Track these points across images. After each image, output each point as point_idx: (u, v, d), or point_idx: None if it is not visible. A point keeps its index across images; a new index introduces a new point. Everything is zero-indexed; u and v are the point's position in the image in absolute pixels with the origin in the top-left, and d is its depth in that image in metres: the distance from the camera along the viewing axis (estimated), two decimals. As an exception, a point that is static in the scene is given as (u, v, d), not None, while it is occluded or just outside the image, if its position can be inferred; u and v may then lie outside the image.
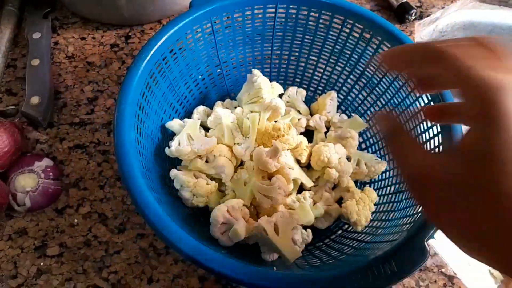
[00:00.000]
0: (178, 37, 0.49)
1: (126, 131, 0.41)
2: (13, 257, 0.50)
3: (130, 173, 0.38)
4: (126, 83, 0.44)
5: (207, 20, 0.51)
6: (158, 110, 0.51)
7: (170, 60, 0.50)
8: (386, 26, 0.50)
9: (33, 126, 0.59)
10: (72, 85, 0.63)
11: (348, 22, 0.53)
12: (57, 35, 0.69)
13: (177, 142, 0.49)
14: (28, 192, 0.51)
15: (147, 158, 0.46)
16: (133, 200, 0.37)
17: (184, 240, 0.35)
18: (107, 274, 0.49)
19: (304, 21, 0.55)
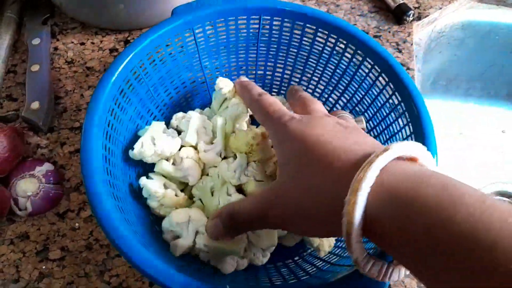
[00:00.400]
0: (157, 44, 0.49)
1: (93, 140, 0.40)
2: (15, 261, 0.50)
3: (90, 180, 0.38)
4: (97, 90, 0.43)
5: (188, 28, 0.51)
6: (134, 116, 0.50)
7: (148, 67, 0.50)
8: (368, 43, 0.49)
9: (34, 131, 0.59)
10: (72, 90, 0.64)
11: (331, 36, 0.52)
12: (56, 41, 0.69)
13: (140, 144, 0.48)
14: (29, 196, 0.51)
15: (116, 165, 0.46)
16: (91, 206, 0.37)
17: (136, 252, 0.35)
18: (109, 277, 0.49)
19: (288, 33, 0.55)
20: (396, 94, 0.48)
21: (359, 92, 0.54)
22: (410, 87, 0.46)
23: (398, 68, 0.47)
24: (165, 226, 0.46)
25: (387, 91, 0.49)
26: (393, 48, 0.72)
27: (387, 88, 0.49)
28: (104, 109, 0.43)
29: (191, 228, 0.46)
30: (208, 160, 0.50)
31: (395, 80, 0.47)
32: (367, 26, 0.75)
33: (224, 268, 0.45)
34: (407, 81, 0.46)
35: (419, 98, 0.46)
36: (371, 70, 0.50)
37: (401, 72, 0.47)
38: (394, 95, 0.48)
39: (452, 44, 0.89)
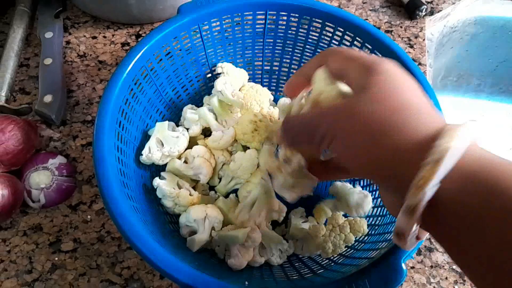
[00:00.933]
0: (165, 43, 0.49)
1: (105, 139, 0.41)
2: (28, 252, 0.50)
3: (105, 182, 0.38)
4: (108, 90, 0.43)
5: (195, 26, 0.51)
6: (143, 115, 0.51)
7: (156, 66, 0.50)
8: (376, 34, 0.49)
9: (47, 124, 0.60)
10: (84, 84, 0.64)
11: (338, 29, 0.52)
12: (68, 35, 0.70)
13: (147, 149, 0.49)
14: (43, 188, 0.51)
15: (128, 165, 0.46)
16: (106, 208, 0.38)
17: (154, 251, 0.35)
18: (120, 270, 0.50)
19: (294, 28, 0.54)
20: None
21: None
22: (422, 83, 0.46)
23: (409, 63, 0.47)
24: (182, 222, 0.47)
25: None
26: (404, 43, 0.71)
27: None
28: (114, 110, 0.43)
29: (207, 224, 0.47)
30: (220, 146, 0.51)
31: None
32: (379, 21, 0.74)
33: (230, 262, 0.46)
34: (419, 77, 0.46)
35: (432, 94, 0.46)
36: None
37: (412, 67, 0.46)
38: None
39: (464, 40, 0.88)
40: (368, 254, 0.42)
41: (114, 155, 0.41)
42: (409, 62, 0.47)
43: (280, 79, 0.62)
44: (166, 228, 0.47)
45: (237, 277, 0.45)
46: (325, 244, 0.46)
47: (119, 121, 0.44)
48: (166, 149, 0.49)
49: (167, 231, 0.47)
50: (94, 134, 0.41)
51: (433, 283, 0.51)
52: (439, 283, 0.51)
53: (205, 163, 0.50)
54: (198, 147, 0.51)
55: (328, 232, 0.47)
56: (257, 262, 0.48)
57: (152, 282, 0.49)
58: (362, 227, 0.47)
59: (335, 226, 0.47)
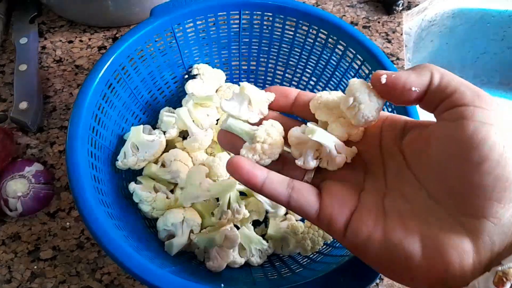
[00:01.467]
0: (137, 46, 0.49)
1: (78, 146, 0.40)
2: (7, 261, 0.50)
3: (79, 189, 0.38)
4: (80, 97, 0.43)
5: (168, 27, 0.51)
6: (118, 120, 0.50)
7: (130, 70, 0.50)
8: (350, 31, 0.49)
9: (23, 131, 0.59)
10: (61, 89, 0.64)
11: (313, 27, 0.52)
12: (44, 39, 0.69)
13: (122, 155, 0.48)
14: (20, 197, 0.51)
15: (103, 171, 0.46)
16: (80, 215, 0.37)
17: (129, 257, 0.35)
18: (100, 276, 0.49)
19: (269, 27, 0.54)
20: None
21: (343, 84, 0.54)
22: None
23: (382, 59, 0.47)
24: (160, 226, 0.47)
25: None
26: (382, 38, 0.72)
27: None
28: (87, 116, 0.43)
29: (185, 227, 0.47)
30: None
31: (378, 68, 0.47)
32: (356, 17, 0.74)
33: (209, 264, 0.45)
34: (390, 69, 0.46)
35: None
36: (354, 60, 0.50)
37: (385, 63, 0.46)
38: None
39: (443, 33, 0.88)
40: (345, 251, 0.42)
41: (88, 161, 0.41)
42: (383, 58, 0.47)
43: (258, 78, 0.62)
44: (144, 233, 0.47)
45: (216, 279, 0.45)
46: (304, 242, 0.46)
47: (92, 127, 0.44)
48: (141, 154, 0.48)
49: (145, 236, 0.47)
50: (66, 141, 0.40)
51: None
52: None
53: (183, 166, 0.50)
54: (175, 150, 0.51)
55: (307, 229, 0.47)
56: (236, 263, 0.48)
57: (133, 287, 0.49)
58: None
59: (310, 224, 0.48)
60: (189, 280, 0.35)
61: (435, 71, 0.28)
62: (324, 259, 0.45)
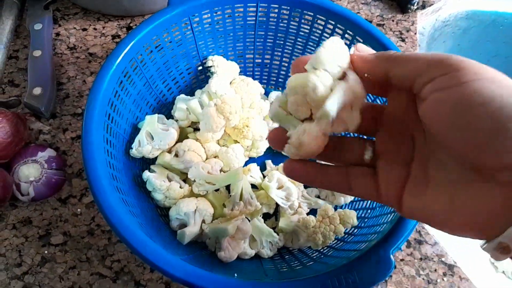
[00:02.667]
0: (154, 35, 0.49)
1: (94, 131, 0.40)
2: (17, 245, 0.50)
3: (94, 174, 0.38)
4: (97, 82, 0.43)
5: (185, 18, 0.51)
6: (133, 108, 0.51)
7: (146, 59, 0.50)
8: (367, 28, 0.49)
9: (36, 117, 0.59)
10: (74, 76, 0.64)
11: (329, 22, 0.52)
12: (58, 26, 0.69)
13: (137, 143, 0.49)
14: (32, 182, 0.51)
15: (118, 158, 0.46)
16: (95, 200, 0.38)
17: (143, 244, 0.35)
18: (110, 263, 0.50)
19: (286, 21, 0.54)
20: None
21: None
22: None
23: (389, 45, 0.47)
24: (173, 215, 0.47)
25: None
26: (396, 37, 0.72)
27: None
28: (103, 103, 0.43)
29: (197, 216, 0.47)
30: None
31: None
32: (371, 14, 0.74)
33: (220, 254, 0.46)
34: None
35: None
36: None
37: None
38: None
39: (456, 34, 0.88)
40: (357, 246, 0.42)
41: (103, 148, 0.41)
42: (389, 43, 0.47)
43: (271, 72, 0.62)
44: (156, 221, 0.47)
45: (227, 269, 0.45)
46: (315, 236, 0.47)
47: (108, 114, 0.44)
48: (156, 143, 0.48)
49: (157, 224, 0.47)
50: (83, 126, 0.41)
51: (422, 275, 0.52)
52: (428, 275, 0.52)
53: (196, 156, 0.50)
54: (189, 140, 0.51)
55: (318, 224, 0.47)
56: (247, 255, 0.48)
57: (142, 275, 0.49)
58: (352, 218, 0.47)
59: (325, 217, 0.48)
60: (202, 269, 0.35)
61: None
62: (335, 254, 0.46)
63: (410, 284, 0.51)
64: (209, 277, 0.34)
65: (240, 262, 0.47)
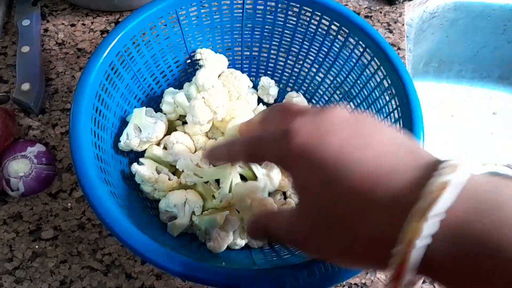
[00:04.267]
0: (141, 28, 0.49)
1: (82, 124, 0.40)
2: (8, 240, 0.50)
3: (82, 166, 0.38)
4: (84, 76, 0.43)
5: (172, 11, 0.51)
6: (121, 102, 0.51)
7: (133, 52, 0.50)
8: (354, 19, 0.49)
9: (25, 112, 0.59)
10: (63, 72, 0.64)
11: (316, 14, 0.52)
12: (46, 22, 0.69)
13: (125, 136, 0.49)
14: (21, 177, 0.51)
15: (106, 151, 0.46)
16: (83, 192, 0.38)
17: (132, 235, 0.35)
18: (101, 256, 0.50)
19: (272, 13, 0.54)
20: (383, 72, 0.48)
21: (345, 72, 0.54)
22: (399, 67, 0.46)
23: (386, 47, 0.47)
24: (162, 207, 0.47)
25: (373, 69, 0.49)
26: (384, 28, 0.72)
27: (373, 66, 0.49)
28: (90, 95, 0.43)
29: (187, 208, 0.47)
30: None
31: (382, 59, 0.48)
32: (358, 6, 0.74)
33: (209, 245, 0.46)
34: (396, 61, 0.46)
35: (408, 78, 0.46)
36: (356, 47, 0.50)
37: (389, 50, 0.47)
38: (381, 73, 0.48)
39: (444, 25, 0.89)
40: None
41: (91, 141, 0.41)
42: (386, 46, 0.47)
43: (260, 65, 0.62)
44: (145, 214, 0.47)
45: (216, 259, 0.45)
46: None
47: (95, 107, 0.44)
48: (144, 135, 0.48)
49: (146, 217, 0.47)
50: (70, 119, 0.41)
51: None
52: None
53: (184, 149, 0.50)
54: (177, 133, 0.51)
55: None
56: (237, 245, 0.48)
57: (133, 268, 0.49)
58: None
59: None
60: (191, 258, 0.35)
61: None
62: None
63: None
64: (197, 266, 0.34)
65: (229, 252, 0.48)
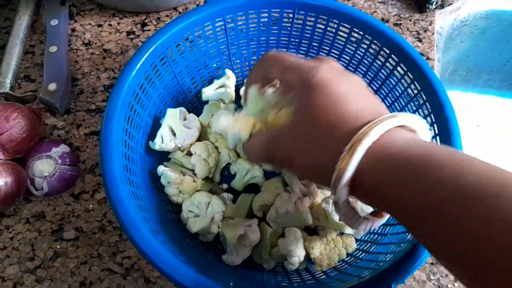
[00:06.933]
0: (187, 32, 0.49)
1: (114, 123, 0.41)
2: (30, 239, 0.51)
3: (108, 163, 0.39)
4: (123, 74, 0.43)
5: (220, 17, 0.50)
6: (158, 102, 0.51)
7: (175, 54, 0.50)
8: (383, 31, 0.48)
9: (51, 112, 0.60)
10: (88, 72, 0.64)
11: (366, 38, 0.50)
12: (74, 22, 0.69)
13: (160, 138, 0.49)
14: (46, 177, 0.52)
15: (136, 150, 0.46)
16: (105, 191, 0.38)
17: (143, 238, 0.35)
18: (121, 259, 0.50)
19: (321, 31, 0.53)
20: (416, 84, 0.47)
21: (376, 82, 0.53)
22: (430, 76, 0.45)
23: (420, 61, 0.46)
24: (185, 206, 0.48)
25: (406, 83, 0.48)
26: (413, 37, 0.70)
27: (406, 80, 0.48)
28: (128, 93, 0.43)
29: (209, 211, 0.47)
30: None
31: (415, 71, 0.46)
32: (388, 13, 0.73)
33: (224, 257, 0.46)
34: (427, 71, 0.45)
35: (441, 87, 0.44)
36: (387, 60, 0.49)
37: (423, 65, 0.46)
38: (413, 84, 0.47)
39: (474, 34, 0.86)
40: (360, 272, 0.41)
41: (121, 139, 0.42)
42: (416, 56, 0.46)
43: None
44: (166, 218, 0.47)
45: (226, 275, 0.45)
46: (321, 257, 0.46)
47: (131, 105, 0.44)
48: (179, 141, 0.49)
49: (167, 221, 0.47)
50: (104, 115, 0.41)
51: (433, 280, 0.51)
52: (439, 280, 0.51)
53: (201, 162, 0.50)
54: (199, 144, 0.51)
55: (323, 246, 0.47)
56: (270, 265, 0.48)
57: (152, 272, 0.50)
58: (352, 242, 0.47)
59: (329, 239, 0.47)
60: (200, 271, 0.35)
61: None
62: (338, 276, 0.45)
63: (423, 291, 0.51)
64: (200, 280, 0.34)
65: (242, 269, 0.47)
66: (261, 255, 0.48)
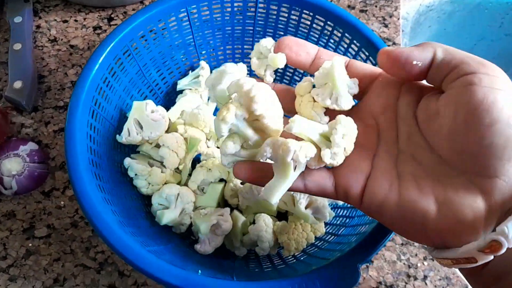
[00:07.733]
0: (150, 23, 0.49)
1: (78, 117, 0.41)
2: (2, 239, 0.51)
3: (72, 158, 0.39)
4: (85, 69, 0.43)
5: (183, 8, 0.50)
6: (123, 95, 0.51)
7: (140, 47, 0.50)
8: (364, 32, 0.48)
9: (17, 110, 0.59)
10: (55, 69, 0.63)
11: (328, 24, 0.51)
12: (38, 19, 0.68)
13: (126, 131, 0.48)
14: (14, 175, 0.51)
15: (102, 144, 0.46)
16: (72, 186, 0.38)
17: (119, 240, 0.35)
18: (94, 254, 0.50)
19: (285, 19, 0.53)
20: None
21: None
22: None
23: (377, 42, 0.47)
24: (155, 200, 0.48)
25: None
26: (379, 22, 0.71)
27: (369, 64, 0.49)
28: (91, 88, 0.43)
29: (179, 202, 0.47)
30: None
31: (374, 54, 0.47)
32: (354, 0, 0.74)
33: (196, 247, 0.46)
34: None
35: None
36: (350, 46, 0.50)
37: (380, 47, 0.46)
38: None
39: (441, 18, 0.88)
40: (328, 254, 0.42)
41: (86, 133, 0.42)
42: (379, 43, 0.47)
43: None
44: (137, 210, 0.47)
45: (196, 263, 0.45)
46: (289, 242, 0.47)
47: (95, 99, 0.44)
48: (146, 134, 0.48)
49: (136, 214, 0.47)
50: (68, 112, 0.41)
51: (403, 260, 0.53)
52: (409, 259, 0.53)
53: (170, 153, 0.50)
54: (168, 135, 0.50)
55: (292, 230, 0.47)
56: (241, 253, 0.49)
57: (126, 265, 0.50)
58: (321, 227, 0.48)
59: (297, 224, 0.48)
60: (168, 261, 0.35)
61: (437, 47, 0.29)
62: (307, 259, 0.46)
63: (391, 269, 0.52)
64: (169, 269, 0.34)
65: (214, 257, 0.48)
66: (233, 243, 0.49)
